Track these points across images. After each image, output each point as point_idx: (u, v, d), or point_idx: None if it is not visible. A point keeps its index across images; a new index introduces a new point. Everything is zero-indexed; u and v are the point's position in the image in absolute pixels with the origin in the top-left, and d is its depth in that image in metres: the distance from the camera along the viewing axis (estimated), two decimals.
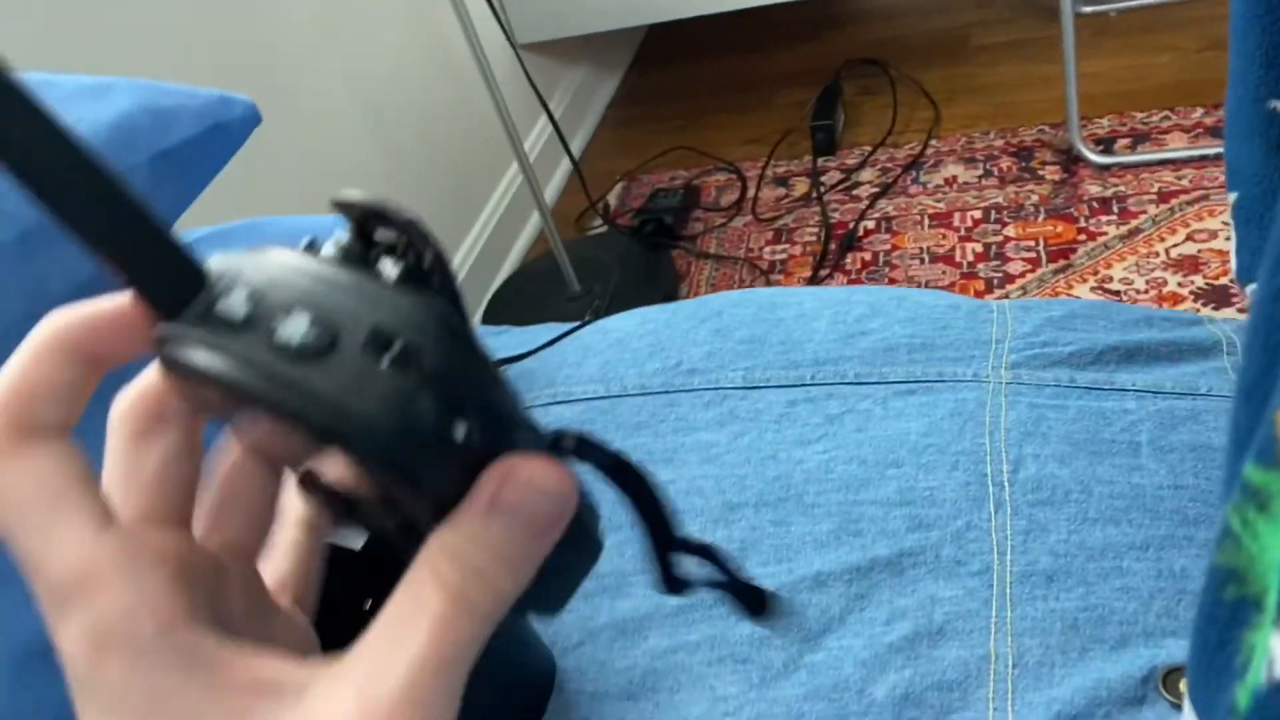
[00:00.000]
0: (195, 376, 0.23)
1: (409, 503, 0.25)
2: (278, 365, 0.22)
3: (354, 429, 0.22)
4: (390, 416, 0.22)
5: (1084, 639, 0.44)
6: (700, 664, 0.47)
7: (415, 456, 0.23)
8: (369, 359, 0.23)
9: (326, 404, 0.22)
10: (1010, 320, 0.63)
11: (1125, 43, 1.84)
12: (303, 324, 0.23)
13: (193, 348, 0.23)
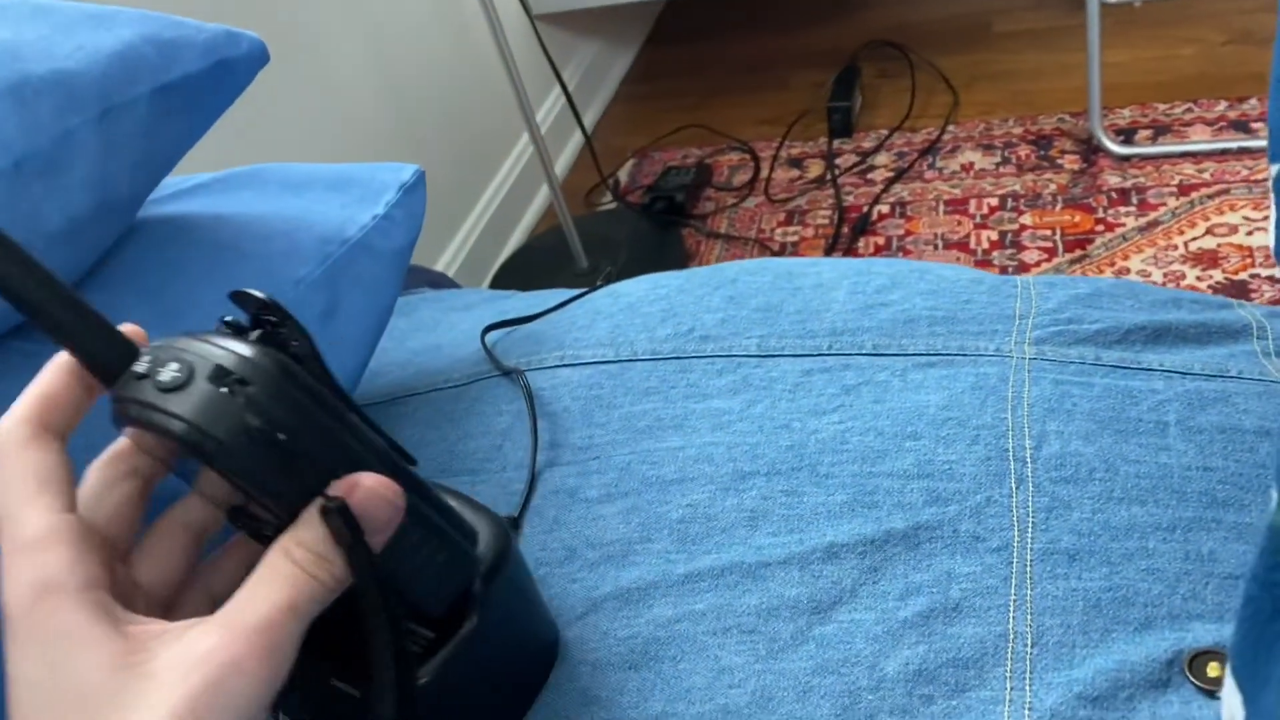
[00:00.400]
0: (126, 420, 0.34)
1: (260, 502, 0.33)
2: (159, 398, 0.33)
3: (193, 433, 0.32)
4: (223, 426, 0.32)
5: (1107, 620, 0.43)
6: (705, 634, 0.46)
7: (249, 454, 0.32)
8: (212, 387, 0.33)
9: (176, 416, 0.32)
10: (1035, 296, 0.61)
11: (1149, 34, 1.81)
12: (173, 369, 0.33)
13: (123, 398, 0.34)
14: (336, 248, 0.57)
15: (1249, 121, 1.58)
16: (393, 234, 0.59)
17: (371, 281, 0.58)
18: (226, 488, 0.35)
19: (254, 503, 0.34)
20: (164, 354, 0.34)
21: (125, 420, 0.34)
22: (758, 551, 0.48)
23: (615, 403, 0.58)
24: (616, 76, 2.16)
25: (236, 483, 0.33)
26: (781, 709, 0.42)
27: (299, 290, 0.55)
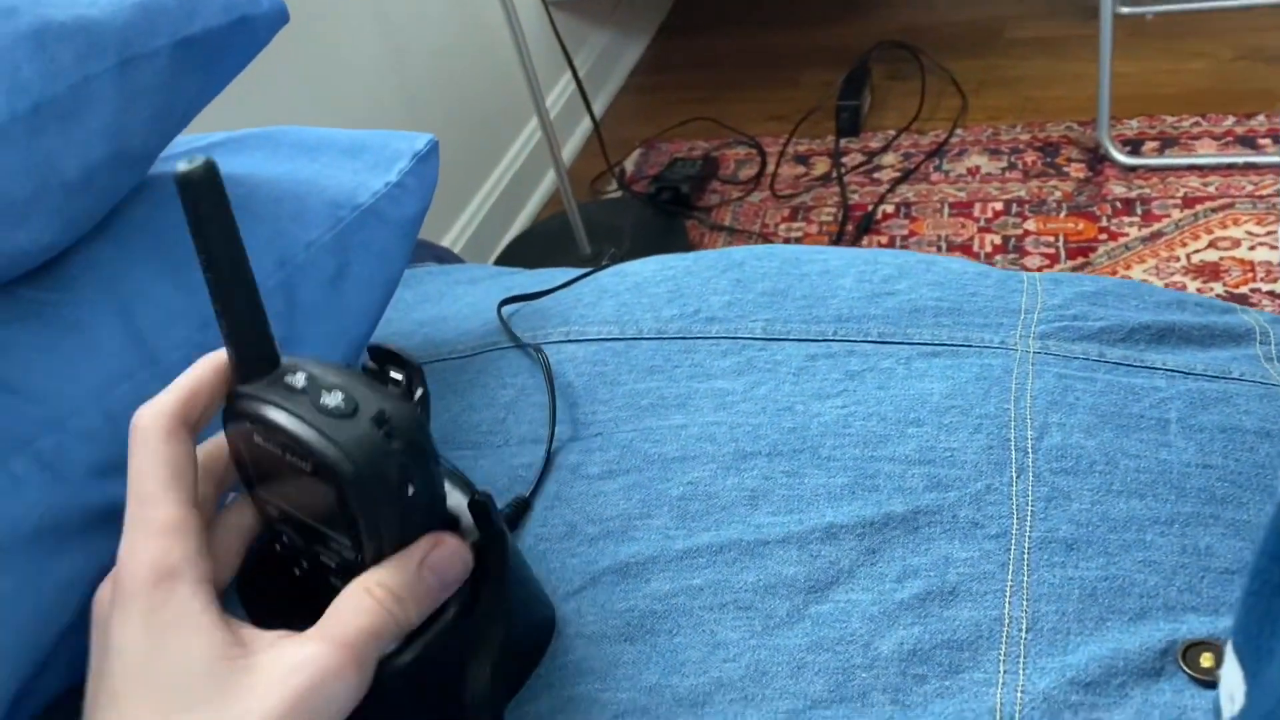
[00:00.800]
0: (259, 420, 0.37)
1: (358, 535, 0.36)
2: (318, 418, 0.35)
3: (345, 464, 0.35)
4: (375, 466, 0.35)
5: (1102, 608, 0.43)
6: (701, 609, 0.46)
7: (381, 497, 0.36)
8: (373, 427, 0.36)
9: (335, 443, 0.35)
10: (1040, 292, 0.61)
11: (1159, 46, 1.81)
12: (339, 397, 0.36)
13: (266, 400, 0.37)
14: (348, 213, 0.57)
15: (1256, 137, 1.58)
16: (404, 202, 0.60)
17: (381, 248, 0.58)
18: (303, 504, 0.38)
19: (338, 532, 0.37)
20: (321, 377, 0.37)
21: (253, 421, 0.37)
22: (757, 530, 0.48)
23: (619, 380, 0.58)
24: (627, 66, 2.16)
25: (350, 516, 0.36)
26: (775, 684, 0.42)
27: (309, 253, 0.55)
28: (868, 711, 0.41)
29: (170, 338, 0.50)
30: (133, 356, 0.48)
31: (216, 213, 0.35)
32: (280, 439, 0.36)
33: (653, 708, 0.42)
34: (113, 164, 0.48)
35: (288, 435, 0.36)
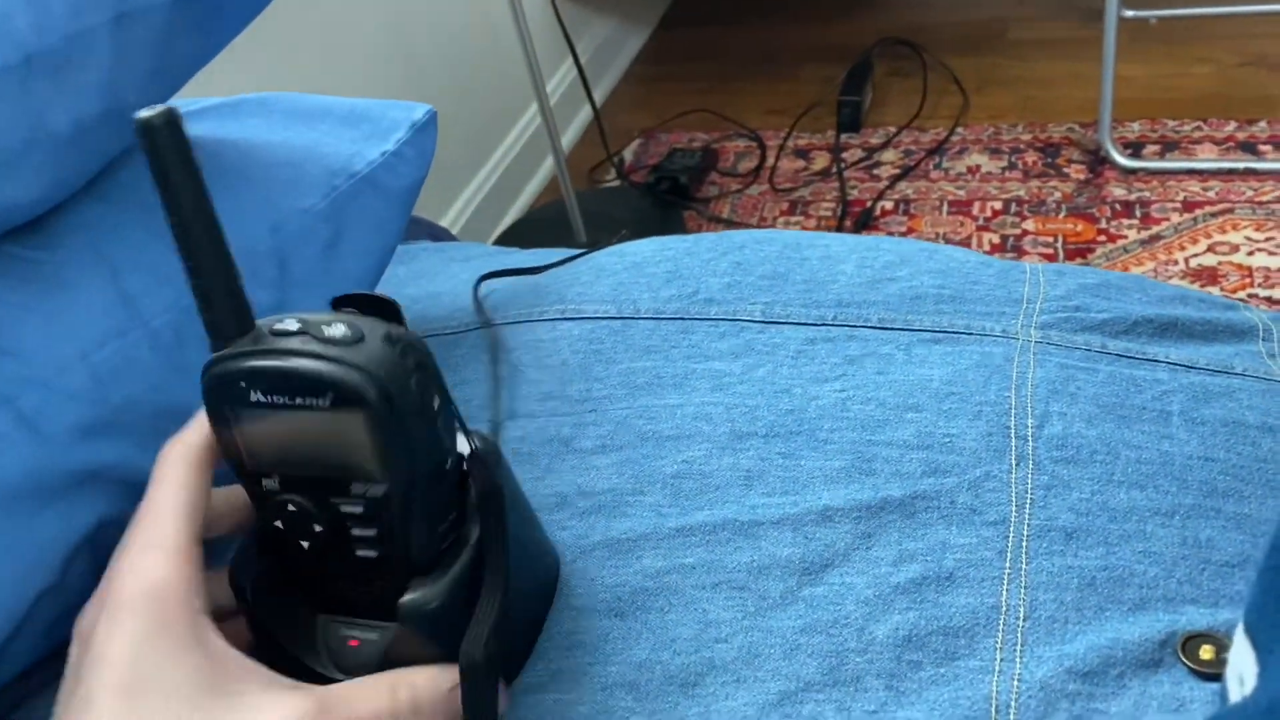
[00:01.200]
0: (258, 375, 0.35)
1: (387, 464, 0.36)
2: (328, 349, 0.35)
3: (367, 381, 0.34)
4: (399, 383, 0.35)
5: (1101, 598, 0.42)
6: (694, 588, 0.45)
7: (409, 413, 0.36)
8: (386, 346, 0.35)
9: (359, 369, 0.35)
10: (1043, 282, 0.61)
11: (1163, 51, 1.81)
12: (341, 328, 0.35)
13: (263, 351, 0.35)
14: (344, 180, 0.56)
15: (1257, 144, 1.58)
16: (401, 172, 0.59)
17: (376, 218, 0.57)
18: (318, 454, 0.37)
19: (362, 470, 0.36)
20: (311, 317, 0.36)
21: (249, 378, 0.35)
22: (751, 511, 0.47)
23: (615, 358, 0.57)
24: (628, 56, 2.15)
25: (379, 442, 0.35)
26: (768, 665, 0.42)
27: (303, 220, 0.55)
28: (861, 696, 0.40)
29: (159, 300, 0.49)
30: (120, 317, 0.47)
31: (178, 160, 0.35)
32: (289, 384, 0.35)
33: (642, 683, 0.42)
34: (105, 121, 0.47)
35: (299, 375, 0.35)
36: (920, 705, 0.40)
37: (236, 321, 0.36)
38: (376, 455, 0.36)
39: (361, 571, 0.39)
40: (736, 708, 0.40)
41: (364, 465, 0.37)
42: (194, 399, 0.48)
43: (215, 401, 0.37)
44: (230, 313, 0.36)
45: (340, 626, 0.40)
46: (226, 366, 0.36)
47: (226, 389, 0.36)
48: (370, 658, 0.39)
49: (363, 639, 0.40)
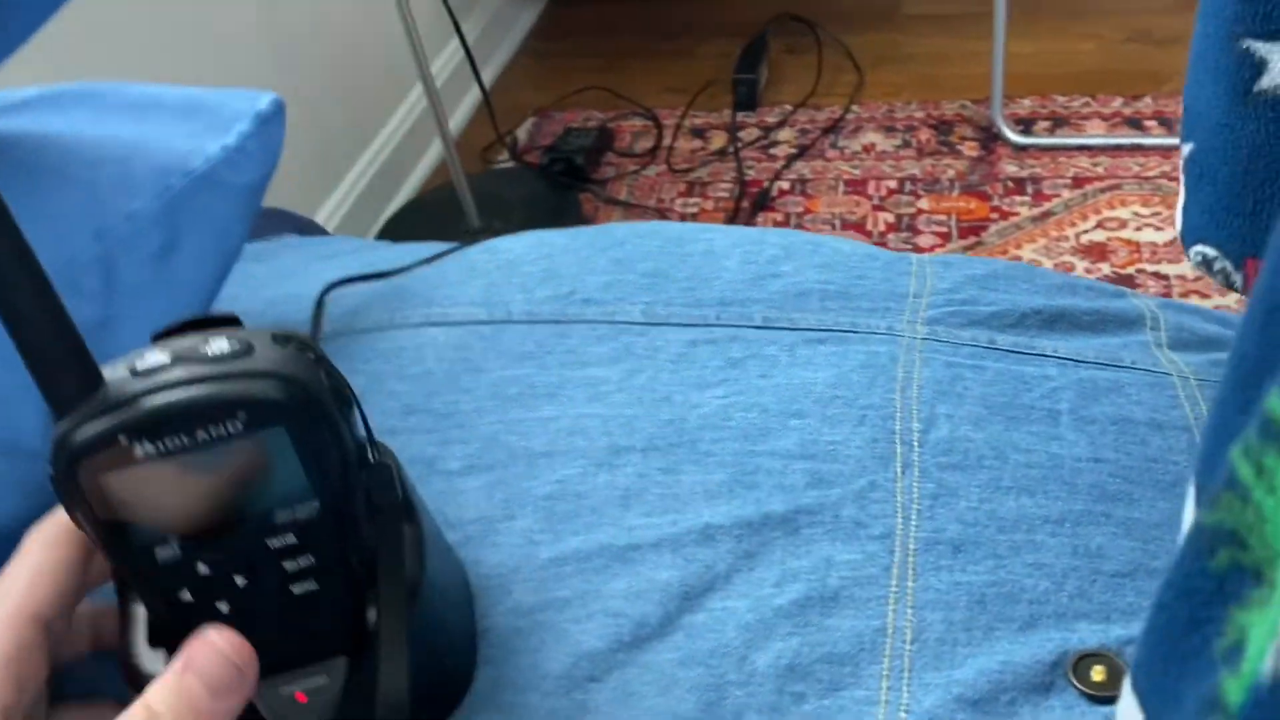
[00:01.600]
0: (140, 425, 0.30)
1: (318, 474, 0.32)
2: (221, 367, 0.31)
3: (295, 389, 0.31)
4: (311, 379, 0.31)
5: (991, 616, 0.40)
6: (567, 622, 0.42)
7: (329, 411, 0.32)
8: (281, 348, 0.32)
9: (268, 376, 0.31)
10: (930, 275, 0.59)
11: (1052, 26, 1.83)
12: (221, 342, 0.31)
13: (137, 395, 0.30)
14: (178, 179, 0.51)
15: (1142, 119, 1.60)
16: (243, 168, 0.54)
17: (217, 219, 0.52)
18: (236, 492, 0.32)
19: (289, 494, 0.33)
20: (179, 343, 0.32)
21: (129, 432, 0.30)
22: (629, 533, 0.44)
23: (485, 367, 0.54)
24: (521, 31, 2.09)
25: (305, 453, 0.32)
26: (643, 704, 0.39)
27: (131, 225, 0.50)
28: None
29: None
30: None
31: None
32: (187, 421, 0.30)
33: None
34: None
35: (200, 405, 0.30)
36: None
37: (81, 379, 0.31)
38: (305, 470, 0.32)
39: (300, 611, 0.35)
40: None
41: (289, 486, 0.32)
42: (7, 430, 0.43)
43: (79, 476, 0.31)
44: (73, 370, 0.30)
45: (278, 685, 0.36)
46: (95, 427, 0.30)
47: (97, 455, 0.30)
48: (327, 704, 0.36)
49: (310, 688, 0.36)
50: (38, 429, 0.44)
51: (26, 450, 0.44)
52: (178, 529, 0.32)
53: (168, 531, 0.32)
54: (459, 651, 0.40)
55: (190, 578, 0.33)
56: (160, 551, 0.33)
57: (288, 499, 0.33)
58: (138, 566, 0.33)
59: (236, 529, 0.33)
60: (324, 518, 0.33)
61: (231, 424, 0.31)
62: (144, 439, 0.30)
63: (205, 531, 0.33)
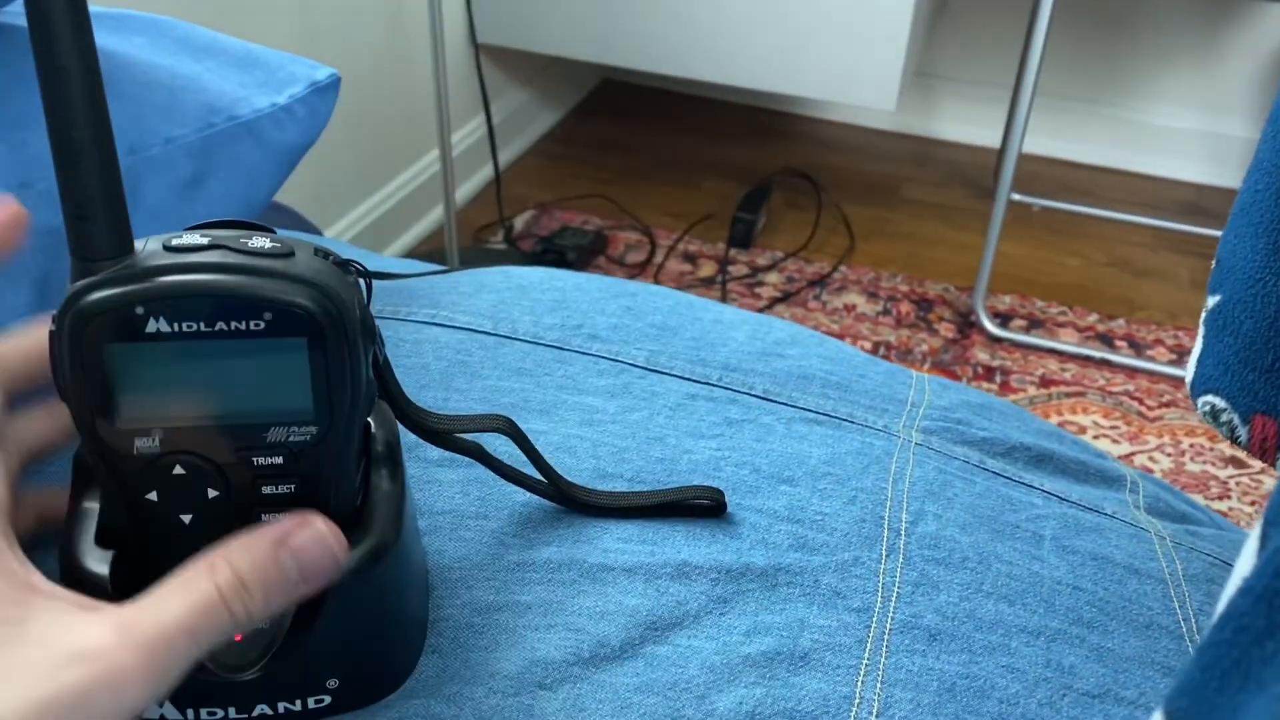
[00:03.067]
0: (166, 297, 0.29)
1: (328, 396, 0.31)
2: (260, 262, 0.29)
3: (329, 304, 0.30)
4: (346, 299, 0.30)
5: (959, 706, 0.39)
6: (525, 628, 0.40)
7: (356, 336, 0.31)
8: (322, 261, 0.31)
9: (306, 283, 0.29)
10: (928, 391, 0.59)
11: (1040, 237, 1.90)
12: (263, 240, 0.30)
13: (171, 268, 0.29)
14: (221, 120, 0.51)
15: (1114, 338, 1.66)
16: (287, 129, 0.53)
17: (249, 169, 0.52)
18: (233, 394, 0.31)
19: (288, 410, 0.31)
20: (218, 233, 0.30)
21: (148, 303, 0.29)
22: (604, 554, 0.43)
23: (482, 373, 0.52)
24: (537, 131, 2.14)
25: (322, 371, 0.30)
26: None
27: (166, 150, 0.49)
28: None
29: None
30: None
31: (70, 14, 0.28)
32: (210, 307, 0.29)
33: (446, 718, 0.36)
34: None
35: (229, 293, 0.29)
36: None
37: (115, 239, 0.29)
38: (313, 391, 0.31)
39: None
40: None
41: (292, 405, 0.31)
42: None
43: (83, 337, 0.29)
44: (110, 226, 0.29)
45: None
46: (117, 291, 0.29)
47: (109, 319, 0.29)
48: (262, 649, 0.33)
49: (249, 629, 0.33)
50: (22, 309, 0.42)
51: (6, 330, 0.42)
52: (165, 421, 0.31)
53: (153, 422, 0.31)
54: (408, 629, 0.38)
55: (162, 478, 0.31)
56: (140, 441, 0.31)
57: (286, 417, 0.31)
58: (111, 453, 0.31)
59: (225, 436, 0.31)
60: (318, 446, 0.32)
61: (254, 322, 0.30)
62: (161, 315, 0.29)
63: (192, 431, 0.31)
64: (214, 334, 0.30)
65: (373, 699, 0.36)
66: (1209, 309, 0.47)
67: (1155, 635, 0.46)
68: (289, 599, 0.31)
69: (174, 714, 0.33)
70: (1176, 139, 2.10)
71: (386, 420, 0.37)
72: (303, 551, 0.30)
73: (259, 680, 0.33)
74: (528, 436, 0.43)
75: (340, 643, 0.35)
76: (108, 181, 0.29)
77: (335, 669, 0.35)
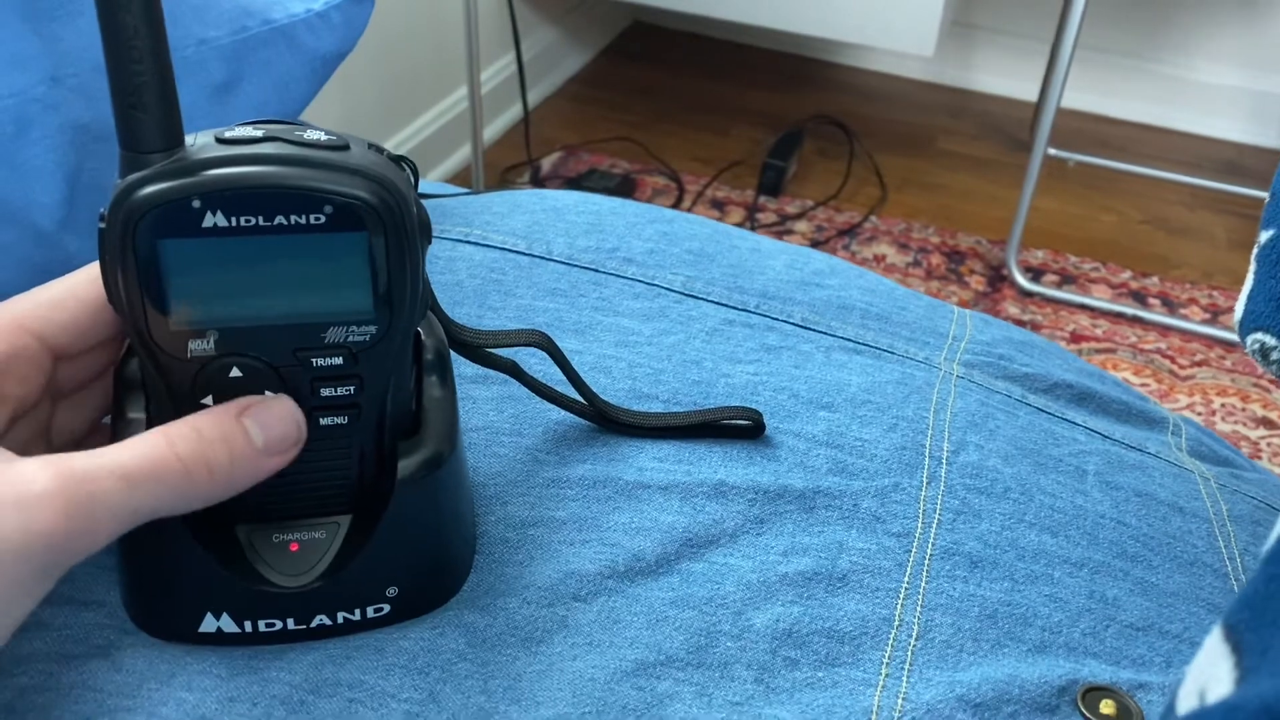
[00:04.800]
0: (221, 190, 0.28)
1: (389, 291, 0.30)
2: (313, 151, 0.28)
3: (389, 197, 0.29)
4: (404, 193, 0.29)
5: (1000, 633, 0.38)
6: (560, 543, 0.39)
7: (415, 227, 0.30)
8: (377, 155, 0.30)
9: (365, 174, 0.29)
10: (970, 325, 0.58)
11: (1075, 192, 1.87)
12: (319, 133, 0.29)
13: (225, 160, 0.28)
14: (256, 24, 0.50)
15: (1147, 295, 1.63)
16: (323, 35, 0.52)
17: (283, 75, 0.51)
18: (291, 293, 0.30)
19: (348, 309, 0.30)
20: (273, 125, 0.29)
21: (206, 197, 0.28)
22: (639, 472, 0.42)
23: (515, 292, 0.51)
24: (566, 72, 2.11)
25: (383, 266, 0.30)
26: (627, 632, 0.36)
27: (199, 51, 0.48)
28: (727, 684, 0.35)
29: (6, 82, 0.41)
30: None
31: None
32: (268, 200, 0.28)
33: (480, 628, 0.35)
34: None
35: (288, 186, 0.28)
36: (791, 706, 0.34)
37: (167, 130, 0.28)
38: (373, 289, 0.30)
39: (320, 449, 0.32)
40: (582, 670, 0.34)
41: (352, 303, 0.30)
42: (20, 201, 0.41)
43: (136, 235, 0.28)
44: (162, 117, 0.28)
45: (269, 531, 0.33)
46: (173, 184, 0.28)
47: (164, 214, 0.28)
48: (319, 560, 0.33)
49: (305, 540, 0.33)
50: (53, 206, 0.41)
51: (36, 227, 0.41)
52: (220, 322, 0.30)
53: (209, 323, 0.30)
54: (464, 536, 0.38)
55: (218, 382, 0.30)
56: (195, 344, 0.30)
57: (345, 316, 0.30)
58: (165, 357, 0.30)
59: (283, 337, 0.30)
60: (377, 346, 0.31)
61: (314, 216, 0.28)
62: (218, 209, 0.28)
63: (249, 332, 0.30)
64: (272, 229, 0.28)
65: (429, 608, 0.36)
66: (1261, 244, 0.45)
67: (1200, 573, 0.44)
68: (254, 469, 0.30)
69: (232, 626, 0.33)
70: (1219, 96, 2.06)
71: (434, 329, 0.37)
72: (265, 419, 0.30)
73: (319, 591, 0.33)
74: (564, 353, 0.42)
75: (401, 550, 0.34)
76: (161, 68, 0.28)
77: (396, 577, 0.34)
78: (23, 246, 0.40)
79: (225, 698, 0.32)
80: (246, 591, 0.32)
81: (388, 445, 0.33)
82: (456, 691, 0.33)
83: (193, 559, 0.32)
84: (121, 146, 0.28)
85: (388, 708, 0.33)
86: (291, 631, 0.33)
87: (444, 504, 0.35)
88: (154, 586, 0.33)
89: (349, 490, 0.33)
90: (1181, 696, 0.23)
